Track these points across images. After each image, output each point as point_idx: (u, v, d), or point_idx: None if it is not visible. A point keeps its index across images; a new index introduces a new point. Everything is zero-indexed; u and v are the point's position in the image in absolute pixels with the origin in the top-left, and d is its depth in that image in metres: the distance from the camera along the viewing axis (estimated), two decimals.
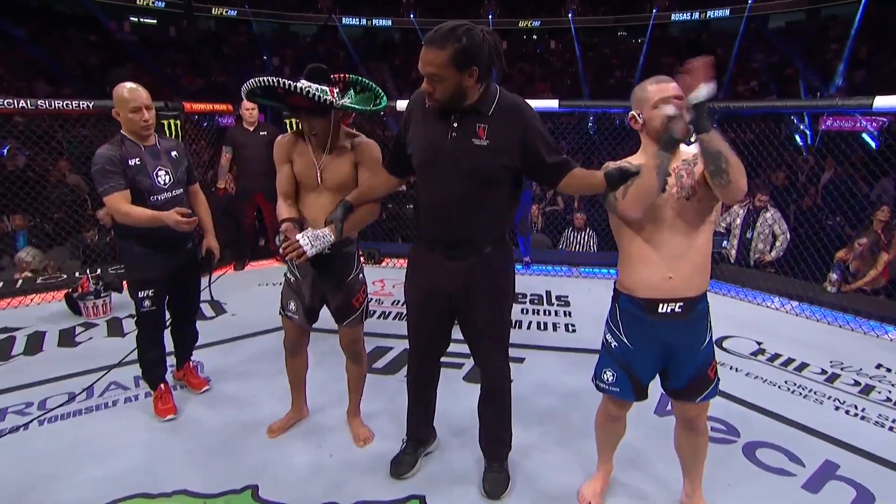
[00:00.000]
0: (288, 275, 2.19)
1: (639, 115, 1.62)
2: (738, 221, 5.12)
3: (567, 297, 4.17)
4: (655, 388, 1.81)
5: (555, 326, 3.63)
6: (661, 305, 1.62)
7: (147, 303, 2.42)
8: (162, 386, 2.55)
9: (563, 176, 1.71)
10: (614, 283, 1.76)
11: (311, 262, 1.90)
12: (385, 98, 2.05)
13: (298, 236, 1.78)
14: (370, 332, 3.42)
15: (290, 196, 2.07)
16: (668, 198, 1.58)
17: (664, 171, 1.51)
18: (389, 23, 26.54)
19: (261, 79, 1.81)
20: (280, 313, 2.22)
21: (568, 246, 5.69)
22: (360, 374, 2.33)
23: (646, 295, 1.63)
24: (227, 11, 24.06)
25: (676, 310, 1.62)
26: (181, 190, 2.44)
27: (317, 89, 1.84)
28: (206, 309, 3.82)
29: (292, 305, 2.17)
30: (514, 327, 3.58)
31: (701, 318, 1.67)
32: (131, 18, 21.57)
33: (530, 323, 3.70)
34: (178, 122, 4.42)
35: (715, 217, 1.64)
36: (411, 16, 25.54)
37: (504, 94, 1.68)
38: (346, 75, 2.04)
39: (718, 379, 1.74)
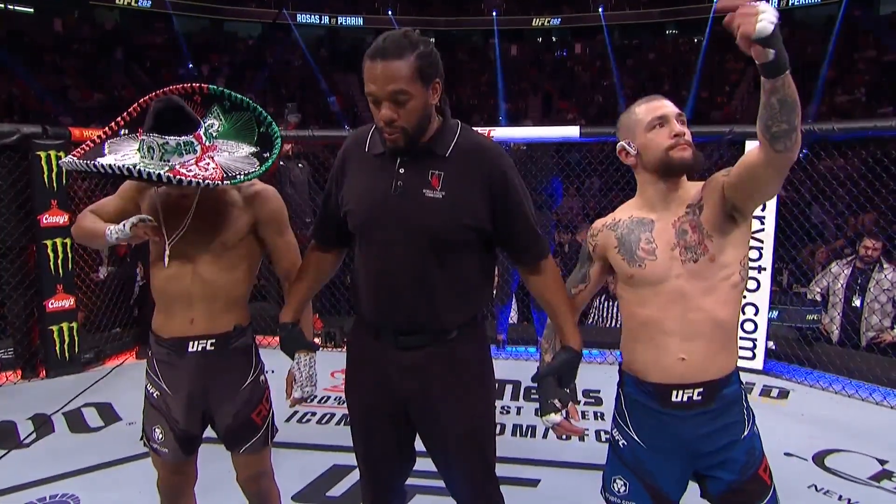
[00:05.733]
0: (148, 387, 2.03)
1: (629, 146, 1.74)
2: (841, 284, 5.14)
3: (598, 391, 4.07)
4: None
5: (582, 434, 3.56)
6: (674, 393, 1.68)
7: None
8: None
9: (533, 260, 1.81)
10: (619, 363, 1.83)
11: (186, 364, 1.95)
12: (276, 129, 1.98)
13: (296, 391, 1.94)
14: (325, 445, 3.38)
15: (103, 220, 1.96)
16: (671, 265, 1.67)
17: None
18: (361, 22, 27.70)
19: (74, 161, 1.76)
20: (143, 443, 2.10)
21: (601, 320, 5.70)
22: None
23: (656, 379, 1.71)
24: (136, 2, 24.47)
25: (695, 398, 1.68)
26: None
27: (177, 163, 1.77)
28: (91, 416, 3.76)
29: (158, 433, 2.01)
30: (525, 436, 3.54)
31: (730, 405, 1.71)
32: None
33: (546, 430, 3.59)
34: (63, 154, 4.37)
35: (742, 275, 1.70)
36: (388, 13, 26.61)
37: (466, 132, 1.76)
38: (204, 86, 1.97)
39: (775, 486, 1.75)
